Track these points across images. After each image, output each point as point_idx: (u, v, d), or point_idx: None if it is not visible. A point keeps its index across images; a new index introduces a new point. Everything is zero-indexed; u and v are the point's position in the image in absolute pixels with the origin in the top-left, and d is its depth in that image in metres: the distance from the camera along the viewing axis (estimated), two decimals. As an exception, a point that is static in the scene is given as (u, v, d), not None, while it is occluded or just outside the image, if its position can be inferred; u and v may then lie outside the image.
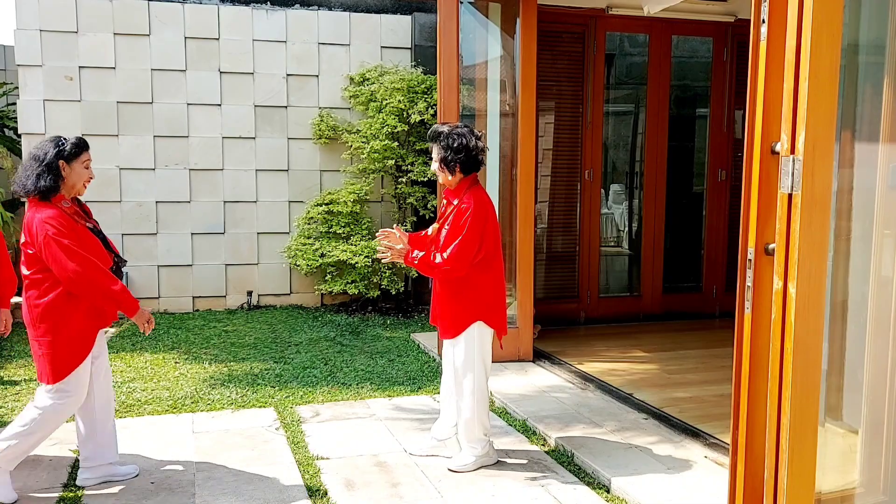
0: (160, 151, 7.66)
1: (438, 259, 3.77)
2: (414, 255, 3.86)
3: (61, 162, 3.44)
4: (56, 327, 3.44)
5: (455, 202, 3.84)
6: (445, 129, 3.86)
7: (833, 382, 2.97)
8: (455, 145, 3.78)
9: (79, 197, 3.63)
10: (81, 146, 3.53)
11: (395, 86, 7.51)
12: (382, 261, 3.95)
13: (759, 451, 2.75)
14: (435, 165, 3.89)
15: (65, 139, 3.51)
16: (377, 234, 4.01)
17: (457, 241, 3.73)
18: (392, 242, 3.90)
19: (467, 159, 3.79)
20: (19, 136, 7.55)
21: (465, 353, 3.89)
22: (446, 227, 3.83)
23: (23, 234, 3.47)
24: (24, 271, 3.50)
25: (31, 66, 7.32)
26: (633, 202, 7.74)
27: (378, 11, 8.28)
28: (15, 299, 4.06)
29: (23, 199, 3.59)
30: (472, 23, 6.24)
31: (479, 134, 3.89)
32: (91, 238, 3.52)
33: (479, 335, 3.89)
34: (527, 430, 4.53)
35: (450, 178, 3.85)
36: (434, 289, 4.06)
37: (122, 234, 7.56)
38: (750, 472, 2.79)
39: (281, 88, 7.93)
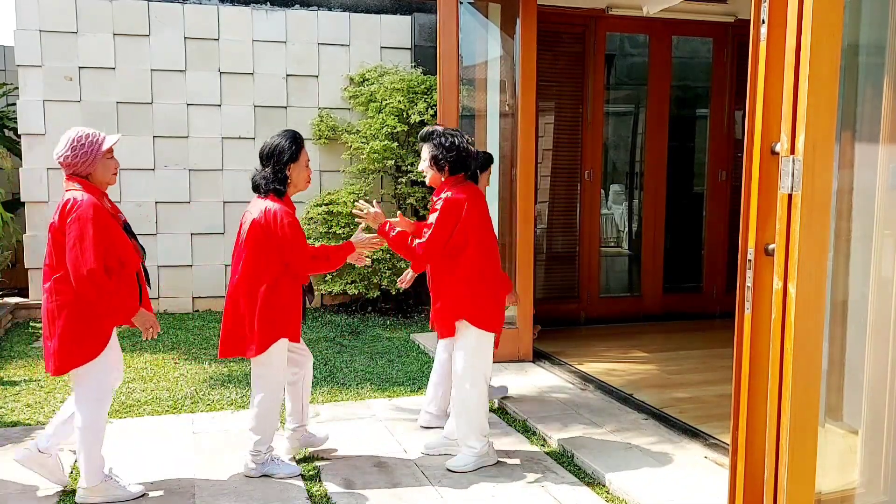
0: (160, 152, 7.66)
1: (415, 243, 3.93)
2: (388, 228, 3.99)
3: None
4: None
5: (441, 196, 3.95)
6: (440, 129, 4.02)
7: (833, 382, 2.97)
8: (447, 144, 3.92)
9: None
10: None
11: (394, 86, 7.51)
12: (360, 225, 4.11)
13: (759, 451, 2.75)
14: (424, 164, 4.03)
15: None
16: (355, 209, 4.17)
17: (430, 230, 3.89)
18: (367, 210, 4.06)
19: (457, 159, 3.92)
20: (19, 136, 7.55)
21: (463, 359, 3.92)
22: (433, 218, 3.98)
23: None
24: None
25: (30, 66, 7.33)
26: (633, 202, 7.74)
27: (378, 11, 8.28)
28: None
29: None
30: (472, 23, 6.24)
31: (471, 140, 4.03)
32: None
33: (476, 341, 3.91)
34: (527, 431, 4.52)
35: (440, 176, 3.96)
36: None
37: (122, 235, 7.56)
38: (750, 473, 2.79)
39: (281, 89, 7.93)
